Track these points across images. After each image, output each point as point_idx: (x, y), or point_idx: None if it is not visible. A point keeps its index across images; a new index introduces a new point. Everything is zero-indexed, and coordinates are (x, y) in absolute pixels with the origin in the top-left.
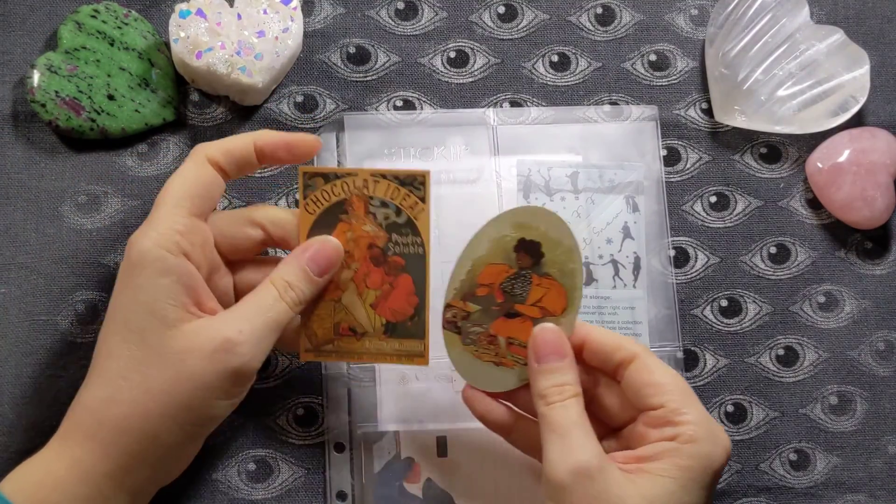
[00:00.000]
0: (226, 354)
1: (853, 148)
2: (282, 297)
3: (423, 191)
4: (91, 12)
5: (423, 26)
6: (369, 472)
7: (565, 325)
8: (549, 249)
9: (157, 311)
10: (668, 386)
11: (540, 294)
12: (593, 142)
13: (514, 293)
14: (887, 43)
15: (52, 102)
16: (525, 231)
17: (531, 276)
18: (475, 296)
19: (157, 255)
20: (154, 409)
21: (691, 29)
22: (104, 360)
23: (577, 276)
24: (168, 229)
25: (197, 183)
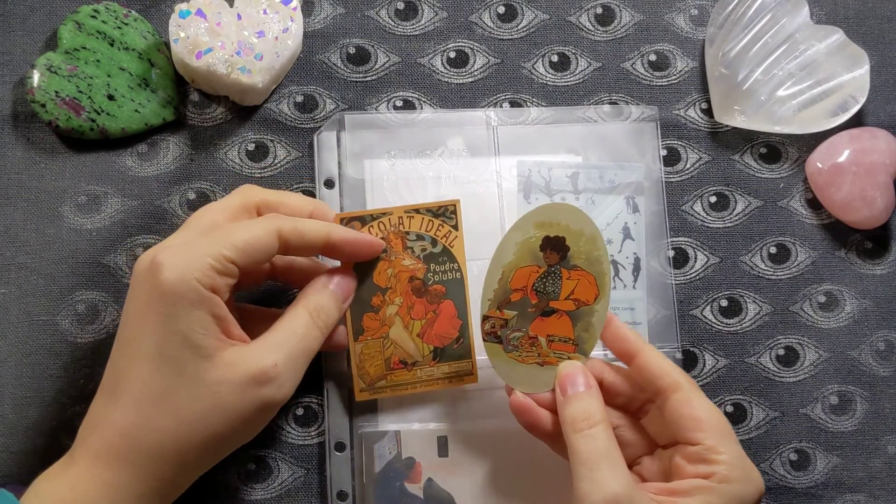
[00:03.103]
0: (260, 387)
1: (853, 148)
2: (314, 321)
3: (455, 219)
4: (91, 12)
5: (423, 26)
6: (370, 472)
7: (599, 311)
8: (573, 242)
9: (192, 340)
10: (707, 423)
11: (572, 286)
12: (593, 142)
13: (547, 291)
14: (887, 43)
15: (52, 102)
16: (547, 229)
17: (561, 271)
18: (510, 302)
19: (192, 287)
20: (188, 438)
21: (691, 29)
22: (134, 385)
23: (603, 261)
24: (207, 266)
25: (257, 245)
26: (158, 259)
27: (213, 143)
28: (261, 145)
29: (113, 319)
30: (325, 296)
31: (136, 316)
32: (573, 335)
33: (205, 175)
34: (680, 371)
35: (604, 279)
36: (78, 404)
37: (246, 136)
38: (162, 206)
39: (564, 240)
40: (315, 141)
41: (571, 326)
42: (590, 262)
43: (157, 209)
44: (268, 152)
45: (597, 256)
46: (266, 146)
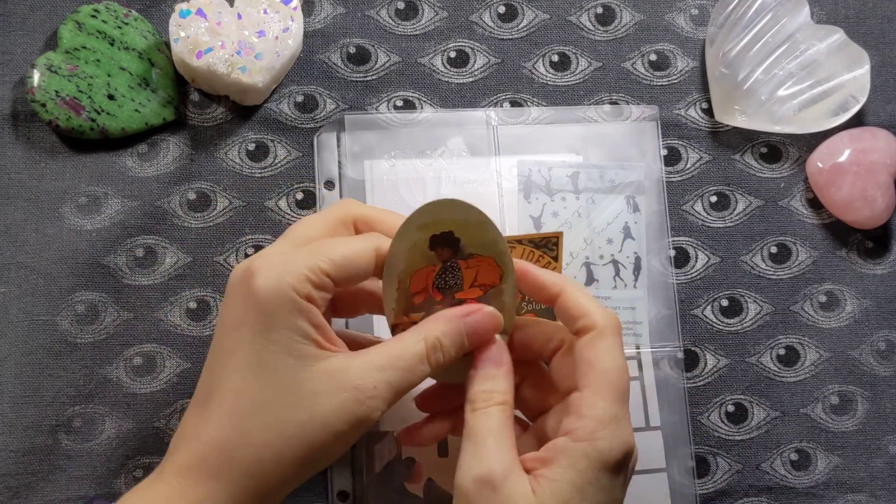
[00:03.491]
0: (356, 404)
1: (853, 148)
2: (428, 357)
3: (556, 251)
4: (91, 12)
5: (423, 26)
6: (370, 473)
7: (508, 288)
8: (462, 233)
9: (292, 349)
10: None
11: (473, 275)
12: (594, 142)
13: (449, 285)
14: (887, 43)
15: (52, 102)
16: (432, 228)
17: (458, 263)
18: (414, 305)
19: (289, 297)
20: (286, 452)
21: (691, 29)
22: (228, 396)
23: (498, 241)
24: (303, 276)
25: (355, 261)
26: (254, 267)
27: (213, 143)
28: (261, 145)
29: (113, 320)
30: (451, 333)
31: (231, 325)
32: None
33: (205, 175)
34: (604, 312)
35: (503, 258)
36: (77, 404)
37: (246, 136)
38: (162, 206)
39: (452, 233)
40: (315, 142)
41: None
42: (484, 246)
43: (157, 209)
44: (268, 152)
45: (491, 239)
46: (266, 146)
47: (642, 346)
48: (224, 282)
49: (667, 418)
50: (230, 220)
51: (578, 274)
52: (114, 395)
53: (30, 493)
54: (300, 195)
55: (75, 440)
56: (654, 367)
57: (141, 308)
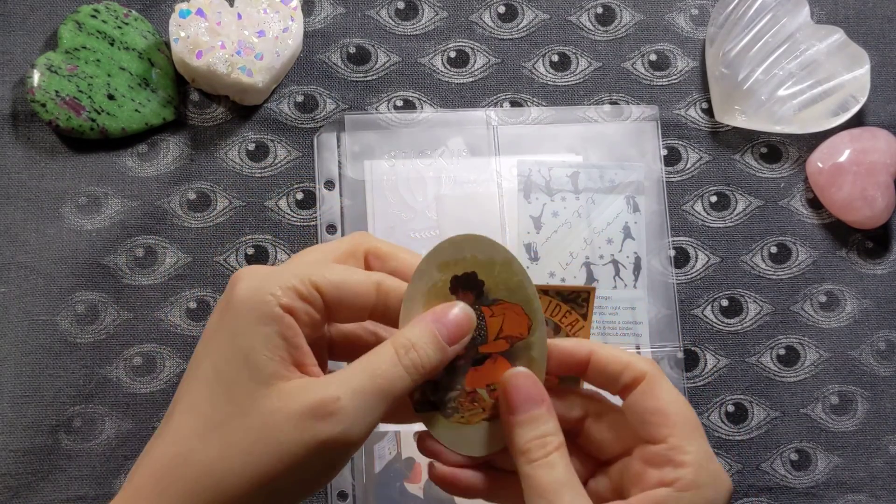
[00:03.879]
0: (316, 422)
1: (853, 148)
2: (399, 359)
3: (586, 308)
4: (91, 12)
5: (423, 26)
6: (370, 473)
7: (537, 343)
8: (486, 274)
9: (253, 361)
10: (673, 416)
11: (498, 324)
12: (594, 142)
13: (472, 336)
14: (887, 43)
15: (52, 102)
16: (453, 268)
17: (481, 310)
18: None
19: (263, 300)
20: (229, 476)
21: (691, 29)
22: (183, 412)
23: (526, 286)
24: (287, 284)
25: (352, 286)
26: (240, 273)
27: (213, 143)
28: (261, 145)
29: (113, 320)
30: (421, 331)
31: (208, 333)
32: None
33: (205, 175)
34: (641, 358)
35: (531, 305)
36: (77, 404)
37: (246, 135)
38: (162, 206)
39: (475, 275)
40: (315, 142)
41: (510, 367)
42: (511, 292)
43: (157, 209)
44: (268, 152)
45: (517, 283)
46: (266, 146)
47: (642, 346)
48: (224, 282)
49: None
50: (230, 220)
51: (578, 274)
52: (114, 395)
53: (30, 493)
54: (300, 195)
55: (75, 440)
56: None
57: (141, 308)
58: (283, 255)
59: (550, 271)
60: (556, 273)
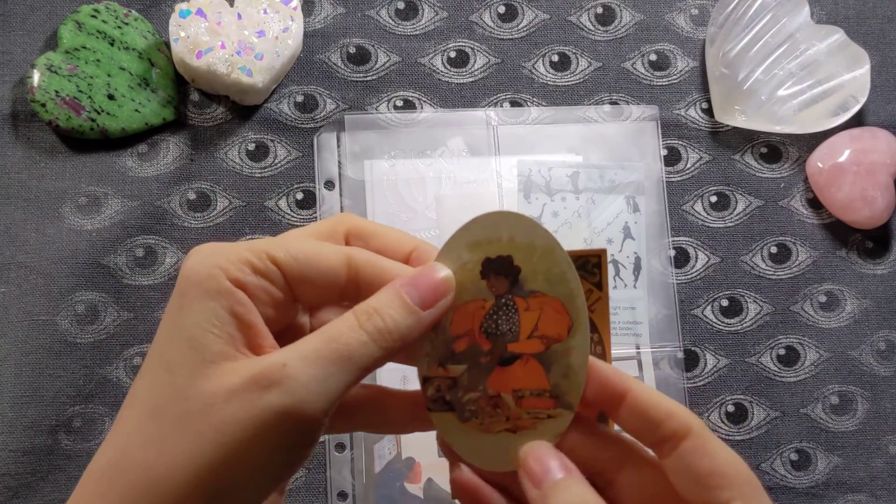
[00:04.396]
0: (259, 393)
1: (853, 148)
2: (360, 324)
3: (599, 275)
4: (91, 12)
5: (423, 26)
6: (370, 472)
7: (578, 348)
8: (524, 260)
9: (197, 338)
10: (734, 477)
11: (533, 320)
12: (594, 142)
13: (501, 331)
14: (888, 43)
15: (52, 102)
16: (486, 248)
17: (514, 302)
18: (454, 354)
19: (210, 274)
20: (168, 473)
21: (691, 29)
22: (124, 408)
23: (570, 278)
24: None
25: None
26: (193, 249)
27: (213, 143)
28: (261, 145)
29: (113, 320)
30: (386, 296)
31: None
32: (549, 385)
33: (205, 175)
34: (685, 409)
35: (574, 302)
36: (77, 404)
37: (246, 135)
38: (162, 206)
39: (511, 259)
40: (315, 142)
41: (544, 373)
42: (551, 283)
43: (157, 209)
44: (268, 152)
45: (559, 273)
46: (266, 146)
47: (642, 346)
48: None
49: None
50: (230, 220)
51: None
52: (114, 395)
53: (30, 493)
54: (300, 195)
55: (75, 440)
56: (654, 367)
57: (141, 308)
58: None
59: None
60: None
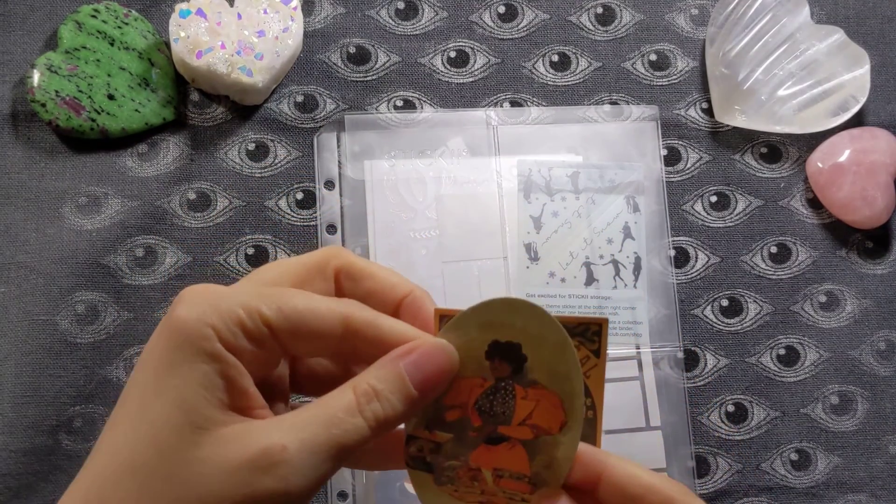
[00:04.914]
0: (257, 474)
1: (853, 148)
2: (360, 409)
3: (598, 343)
4: (91, 12)
5: (423, 26)
6: (370, 473)
7: (566, 444)
8: (531, 350)
9: (188, 400)
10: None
11: (528, 409)
12: (594, 142)
13: (495, 412)
14: (887, 43)
15: (52, 102)
16: (496, 331)
17: (514, 388)
18: (444, 421)
19: (204, 334)
20: None
21: (691, 29)
22: (103, 454)
23: (573, 378)
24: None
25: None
26: (183, 294)
27: (213, 143)
28: (261, 145)
29: (113, 320)
30: (387, 377)
31: (142, 361)
32: (530, 472)
33: (205, 175)
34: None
35: (573, 402)
36: (77, 404)
37: (246, 135)
38: (162, 206)
39: (520, 347)
40: (315, 142)
41: (528, 460)
42: (554, 379)
43: (157, 209)
44: (268, 152)
45: (563, 372)
46: (266, 146)
47: (642, 346)
48: (225, 282)
49: (667, 418)
50: (230, 220)
51: (578, 274)
52: (114, 395)
53: (30, 493)
54: (300, 195)
55: (75, 440)
56: (654, 367)
57: (141, 308)
58: (283, 255)
59: (550, 271)
60: (556, 273)
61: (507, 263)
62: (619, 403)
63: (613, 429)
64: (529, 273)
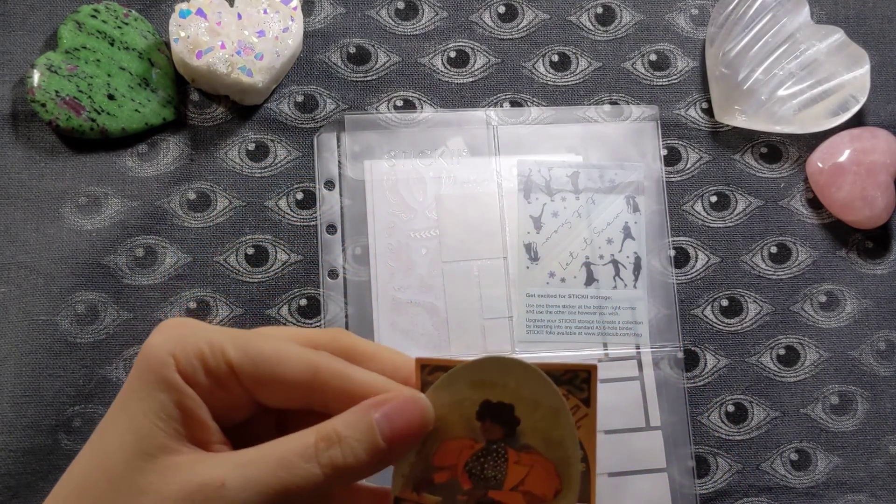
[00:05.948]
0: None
1: (853, 148)
2: (317, 453)
3: (588, 391)
4: (91, 12)
5: (423, 26)
6: None
7: None
8: (525, 413)
9: (142, 428)
10: None
11: (521, 474)
12: (594, 142)
13: (486, 476)
14: (887, 43)
15: (52, 102)
16: (489, 391)
17: (506, 451)
18: (432, 483)
19: (163, 361)
20: None
21: (691, 29)
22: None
23: (568, 445)
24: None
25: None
26: (161, 324)
27: (213, 143)
28: (261, 145)
29: (113, 320)
30: (355, 423)
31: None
32: None
33: (205, 175)
34: None
35: (569, 469)
36: (77, 404)
37: (246, 136)
38: (162, 206)
39: (513, 409)
40: (315, 142)
41: None
42: (548, 445)
43: (157, 209)
44: (268, 152)
45: (558, 437)
46: (266, 146)
47: (642, 346)
48: (224, 282)
49: (667, 418)
50: (230, 220)
51: (578, 274)
52: (113, 395)
53: (30, 493)
54: (300, 195)
55: (75, 440)
56: (654, 367)
57: (141, 308)
58: (283, 255)
59: (550, 271)
60: (556, 273)
61: (507, 263)
62: (619, 403)
63: (613, 429)
64: (529, 273)
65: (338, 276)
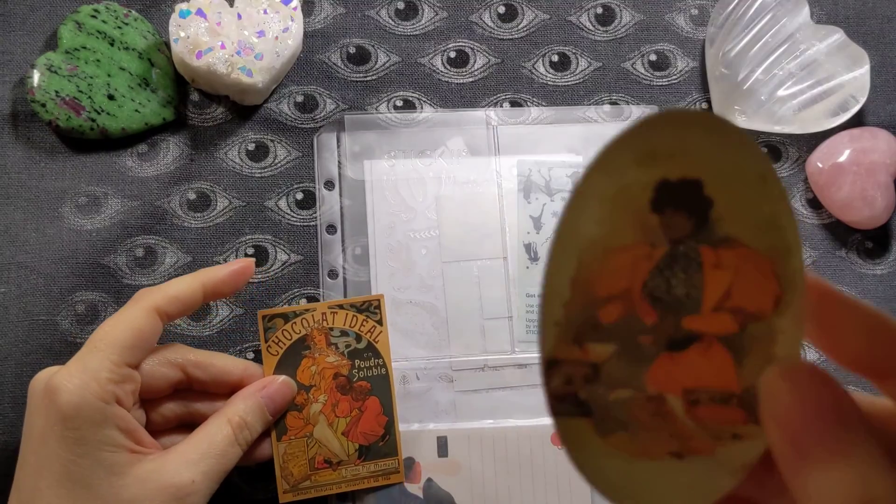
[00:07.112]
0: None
1: (853, 148)
2: (236, 438)
3: (380, 314)
4: (91, 12)
5: (423, 26)
6: None
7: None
8: (719, 188)
9: (104, 459)
10: None
11: (724, 283)
12: (593, 142)
13: (675, 296)
14: (887, 43)
15: (52, 102)
16: (664, 165)
17: (699, 252)
18: (599, 325)
19: (96, 407)
20: None
21: (691, 29)
22: None
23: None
24: (104, 380)
25: (138, 333)
26: (53, 382)
27: (213, 143)
28: (261, 145)
29: None
30: (252, 409)
31: (39, 440)
32: (738, 387)
33: (205, 175)
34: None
35: (789, 262)
36: None
37: (246, 136)
38: (162, 206)
39: (701, 185)
40: (315, 142)
41: (734, 368)
42: (757, 229)
43: (157, 209)
44: (268, 152)
45: (769, 215)
46: (266, 146)
47: None
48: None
49: None
50: (230, 220)
51: None
52: None
53: None
54: (300, 195)
55: None
56: None
57: None
58: (283, 255)
59: None
60: None
61: (506, 263)
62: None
63: None
64: (529, 273)
65: (338, 276)
